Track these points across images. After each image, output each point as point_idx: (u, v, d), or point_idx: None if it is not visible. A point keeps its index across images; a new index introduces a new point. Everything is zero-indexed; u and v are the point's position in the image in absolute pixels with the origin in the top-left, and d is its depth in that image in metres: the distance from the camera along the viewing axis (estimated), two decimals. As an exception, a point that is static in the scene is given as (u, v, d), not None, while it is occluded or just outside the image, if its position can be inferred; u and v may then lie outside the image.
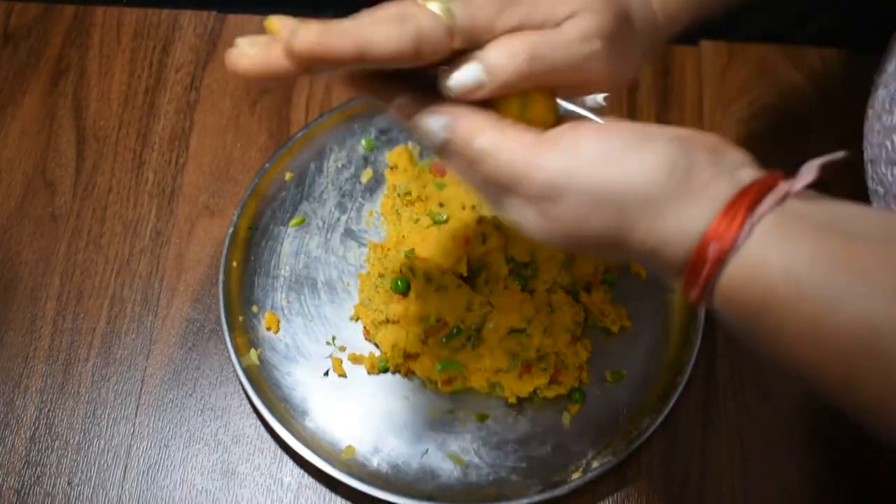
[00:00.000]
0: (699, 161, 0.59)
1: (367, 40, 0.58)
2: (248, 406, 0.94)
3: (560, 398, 0.92)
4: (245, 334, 0.95)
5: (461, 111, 0.62)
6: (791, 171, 0.62)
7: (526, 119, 0.63)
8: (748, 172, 0.59)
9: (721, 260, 0.56)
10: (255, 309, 0.97)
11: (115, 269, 1.00)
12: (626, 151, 0.59)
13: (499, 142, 0.61)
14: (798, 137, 1.06)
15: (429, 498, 0.88)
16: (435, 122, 0.62)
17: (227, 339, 0.93)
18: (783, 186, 0.58)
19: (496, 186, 0.62)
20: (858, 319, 0.53)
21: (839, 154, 0.61)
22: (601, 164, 0.59)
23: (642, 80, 1.10)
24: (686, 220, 0.57)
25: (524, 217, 0.62)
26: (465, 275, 0.93)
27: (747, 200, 0.56)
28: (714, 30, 1.12)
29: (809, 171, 0.59)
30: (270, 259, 1.00)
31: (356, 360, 0.95)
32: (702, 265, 0.57)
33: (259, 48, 0.63)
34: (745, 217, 0.56)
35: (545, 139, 0.60)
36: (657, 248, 0.59)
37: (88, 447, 0.93)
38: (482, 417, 0.92)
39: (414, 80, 0.64)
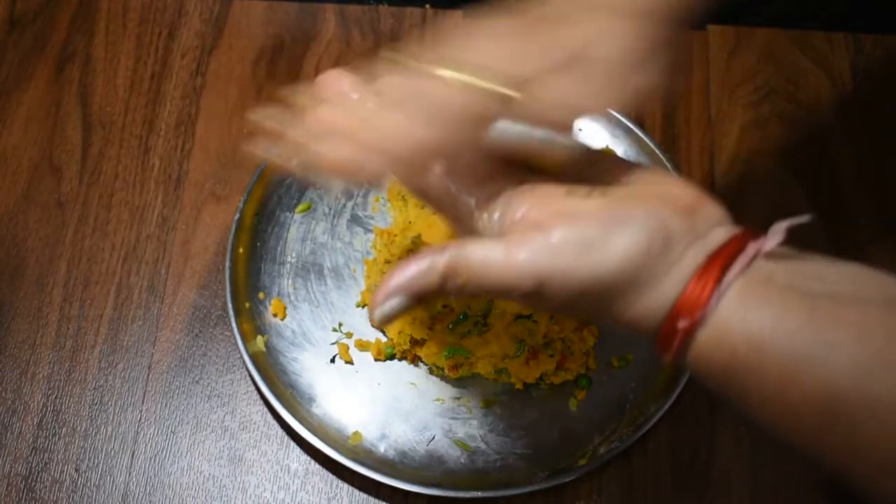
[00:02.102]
0: (675, 232, 0.59)
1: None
2: (255, 393, 0.94)
3: (567, 384, 0.92)
4: (252, 321, 0.95)
5: (398, 273, 0.62)
6: (801, 157, 0.62)
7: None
8: (720, 233, 0.60)
9: (690, 332, 0.57)
10: (261, 295, 0.97)
11: (122, 256, 1.00)
12: (602, 241, 0.58)
13: (474, 264, 0.60)
14: (805, 123, 1.05)
15: (436, 484, 0.88)
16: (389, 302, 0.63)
17: (234, 325, 0.93)
18: (752, 248, 0.58)
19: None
20: (822, 384, 0.53)
21: (805, 217, 0.60)
22: (579, 258, 0.59)
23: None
24: (658, 296, 0.58)
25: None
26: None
27: (717, 268, 0.57)
28: (722, 14, 1.11)
29: (777, 233, 0.59)
30: (277, 245, 1.00)
31: (363, 346, 0.95)
32: (672, 337, 0.58)
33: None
34: (714, 287, 0.57)
35: (512, 244, 0.60)
36: (634, 322, 0.60)
37: (96, 434, 0.93)
38: (489, 404, 0.92)
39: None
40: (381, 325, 0.68)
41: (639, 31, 0.62)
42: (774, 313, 0.55)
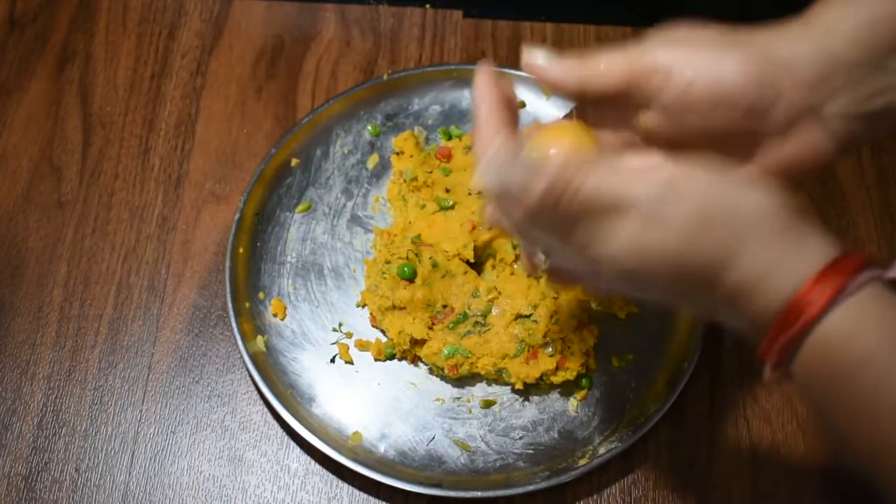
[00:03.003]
0: (798, 211, 0.60)
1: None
2: (255, 392, 0.94)
3: (567, 384, 0.92)
4: (252, 321, 0.95)
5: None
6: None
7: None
8: (841, 244, 0.60)
9: (816, 316, 0.56)
10: (261, 295, 0.97)
11: (122, 256, 1.00)
12: (738, 182, 0.60)
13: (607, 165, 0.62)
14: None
15: (435, 484, 0.88)
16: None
17: (234, 325, 0.93)
18: (877, 270, 0.58)
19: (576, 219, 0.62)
20: None
21: None
22: (717, 182, 0.60)
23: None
24: (789, 263, 0.58)
25: (617, 233, 0.61)
26: (472, 261, 0.93)
27: (849, 266, 0.57)
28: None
29: None
30: (277, 245, 1.00)
31: (363, 346, 0.95)
32: (794, 318, 0.57)
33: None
34: (846, 282, 0.56)
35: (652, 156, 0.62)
36: (752, 287, 0.59)
37: (96, 434, 0.93)
38: (489, 404, 0.92)
39: None
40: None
41: None
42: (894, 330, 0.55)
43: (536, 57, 0.68)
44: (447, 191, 0.97)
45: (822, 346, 0.57)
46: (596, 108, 0.70)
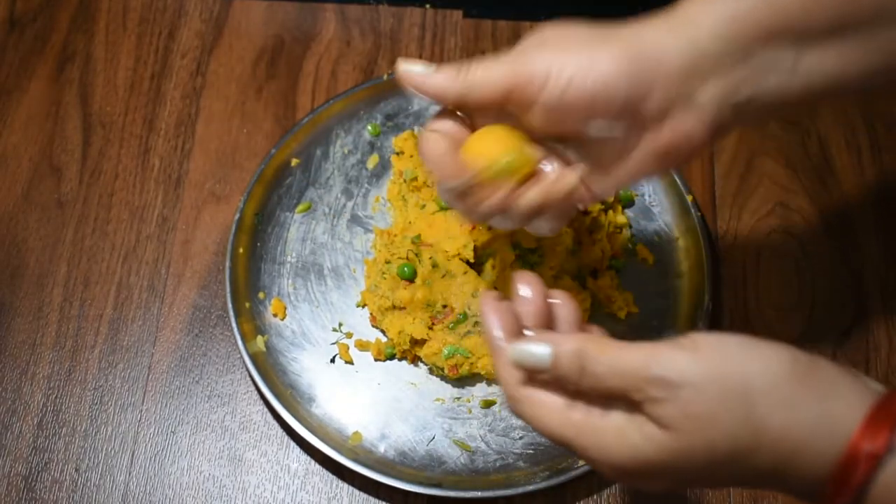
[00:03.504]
0: (823, 362, 0.58)
1: None
2: (255, 393, 0.94)
3: (567, 384, 0.92)
4: (252, 321, 0.95)
5: (563, 338, 0.63)
6: (801, 157, 0.62)
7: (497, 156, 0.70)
8: (876, 383, 0.59)
9: (877, 459, 0.54)
10: (261, 295, 0.97)
11: (122, 256, 1.00)
12: (745, 345, 0.59)
13: (613, 351, 0.60)
14: (805, 122, 1.05)
15: (435, 484, 0.88)
16: (536, 351, 0.62)
17: (234, 325, 0.93)
18: None
19: (595, 412, 0.61)
20: None
21: None
22: (723, 357, 0.58)
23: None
24: (828, 416, 0.56)
25: (633, 442, 0.60)
26: (472, 261, 0.93)
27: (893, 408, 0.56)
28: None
29: None
30: (277, 245, 1.00)
31: (363, 346, 0.95)
32: (854, 467, 0.55)
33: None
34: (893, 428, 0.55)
35: (661, 345, 0.60)
36: (796, 449, 0.56)
37: (96, 434, 0.93)
38: (489, 404, 0.92)
39: None
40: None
41: None
42: None
43: (414, 67, 0.71)
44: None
45: (890, 488, 0.55)
46: (476, 113, 0.73)
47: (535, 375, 0.63)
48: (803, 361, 0.58)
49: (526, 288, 0.68)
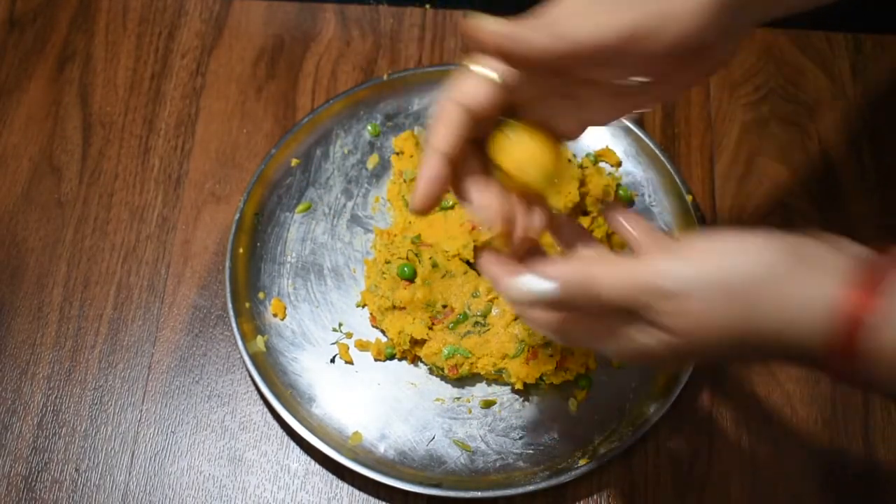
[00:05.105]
0: (805, 240, 0.61)
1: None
2: (255, 393, 0.94)
3: (566, 384, 0.92)
4: (251, 321, 0.95)
5: (564, 268, 0.65)
6: (801, 157, 0.62)
7: (524, 161, 0.68)
8: (858, 248, 0.61)
9: (862, 322, 0.57)
10: (261, 295, 0.97)
11: (122, 256, 1.00)
12: (735, 242, 0.61)
13: (611, 272, 0.63)
14: (805, 123, 1.05)
15: (435, 484, 0.88)
16: (539, 284, 0.66)
17: (234, 325, 0.93)
18: None
19: (609, 321, 0.65)
20: None
21: None
22: (713, 258, 0.61)
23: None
24: (817, 288, 0.59)
25: (645, 343, 0.64)
26: (472, 261, 0.93)
27: (882, 267, 0.58)
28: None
29: None
30: (277, 245, 1.00)
31: (363, 346, 0.95)
32: (842, 333, 0.57)
33: None
34: (884, 277, 0.57)
35: (653, 254, 0.64)
36: (792, 324, 0.59)
37: (96, 434, 0.93)
38: (489, 404, 0.92)
39: None
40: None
41: None
42: None
43: (488, 23, 0.63)
44: (447, 191, 0.97)
45: (884, 344, 0.57)
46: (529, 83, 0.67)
47: (534, 305, 0.68)
48: (790, 245, 0.61)
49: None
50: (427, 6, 1.14)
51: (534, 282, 0.66)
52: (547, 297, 0.65)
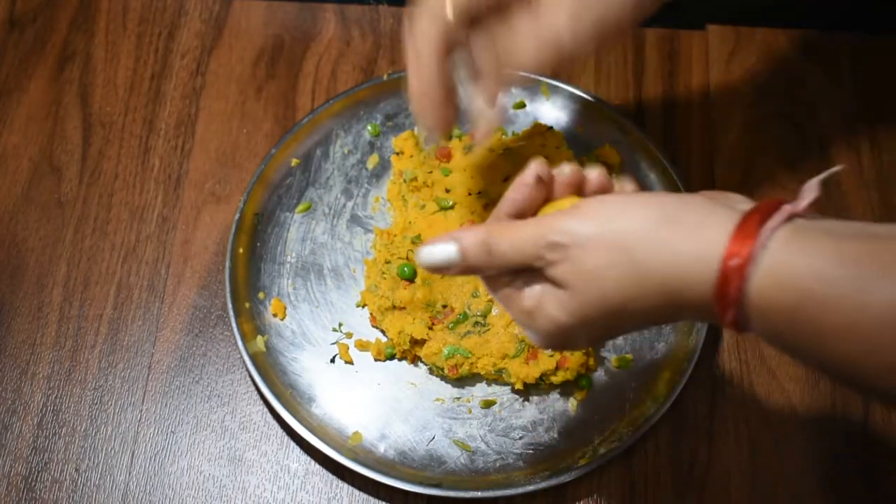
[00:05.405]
0: (692, 197, 0.63)
1: None
2: (255, 393, 0.94)
3: (566, 384, 0.92)
4: (251, 321, 0.95)
5: (468, 232, 0.70)
6: (801, 157, 0.63)
7: None
8: (748, 204, 0.63)
9: (744, 270, 0.58)
10: (261, 295, 0.97)
11: (122, 256, 1.00)
12: (622, 202, 0.65)
13: (510, 233, 0.68)
14: (805, 123, 1.05)
15: (435, 484, 0.88)
16: (442, 250, 0.70)
17: (234, 325, 0.93)
18: (788, 207, 0.60)
19: (518, 286, 0.69)
20: (894, 304, 0.54)
21: (837, 168, 0.66)
22: (601, 214, 0.64)
23: (648, 65, 1.09)
24: (703, 245, 0.60)
25: (552, 314, 0.67)
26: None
27: (756, 219, 0.59)
28: (721, 14, 1.11)
29: (811, 190, 0.62)
30: (276, 245, 1.00)
31: (363, 346, 0.95)
32: (728, 281, 0.59)
33: None
34: (758, 231, 0.58)
35: (550, 216, 0.67)
36: (680, 281, 0.61)
37: (96, 434, 0.93)
38: (489, 404, 0.92)
39: None
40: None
41: None
42: (834, 249, 0.57)
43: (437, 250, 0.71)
44: (447, 191, 0.97)
45: (761, 295, 0.58)
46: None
47: (446, 270, 0.71)
48: (672, 204, 0.63)
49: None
50: (427, 6, 1.13)
51: (438, 247, 0.70)
52: (452, 260, 0.69)
